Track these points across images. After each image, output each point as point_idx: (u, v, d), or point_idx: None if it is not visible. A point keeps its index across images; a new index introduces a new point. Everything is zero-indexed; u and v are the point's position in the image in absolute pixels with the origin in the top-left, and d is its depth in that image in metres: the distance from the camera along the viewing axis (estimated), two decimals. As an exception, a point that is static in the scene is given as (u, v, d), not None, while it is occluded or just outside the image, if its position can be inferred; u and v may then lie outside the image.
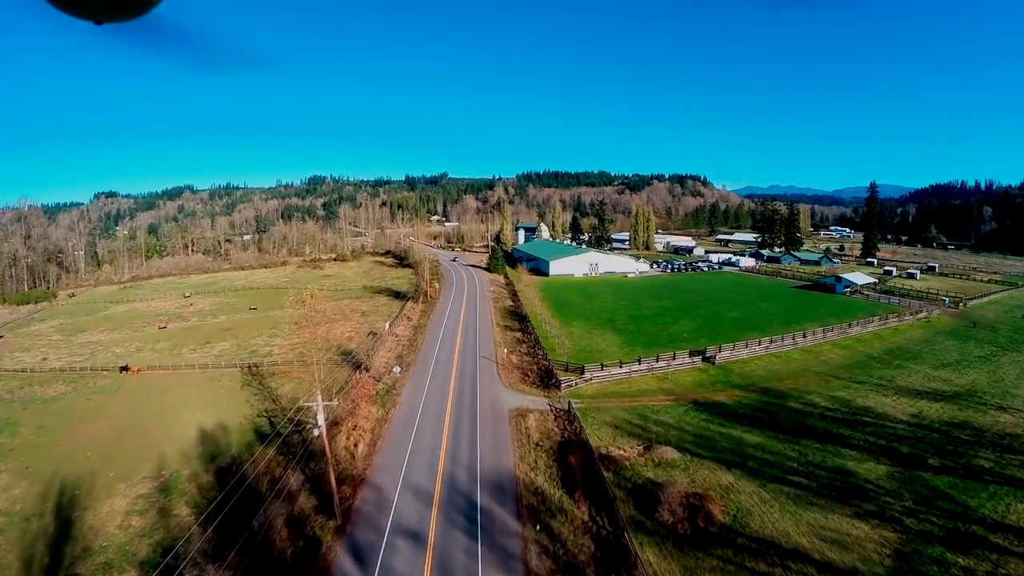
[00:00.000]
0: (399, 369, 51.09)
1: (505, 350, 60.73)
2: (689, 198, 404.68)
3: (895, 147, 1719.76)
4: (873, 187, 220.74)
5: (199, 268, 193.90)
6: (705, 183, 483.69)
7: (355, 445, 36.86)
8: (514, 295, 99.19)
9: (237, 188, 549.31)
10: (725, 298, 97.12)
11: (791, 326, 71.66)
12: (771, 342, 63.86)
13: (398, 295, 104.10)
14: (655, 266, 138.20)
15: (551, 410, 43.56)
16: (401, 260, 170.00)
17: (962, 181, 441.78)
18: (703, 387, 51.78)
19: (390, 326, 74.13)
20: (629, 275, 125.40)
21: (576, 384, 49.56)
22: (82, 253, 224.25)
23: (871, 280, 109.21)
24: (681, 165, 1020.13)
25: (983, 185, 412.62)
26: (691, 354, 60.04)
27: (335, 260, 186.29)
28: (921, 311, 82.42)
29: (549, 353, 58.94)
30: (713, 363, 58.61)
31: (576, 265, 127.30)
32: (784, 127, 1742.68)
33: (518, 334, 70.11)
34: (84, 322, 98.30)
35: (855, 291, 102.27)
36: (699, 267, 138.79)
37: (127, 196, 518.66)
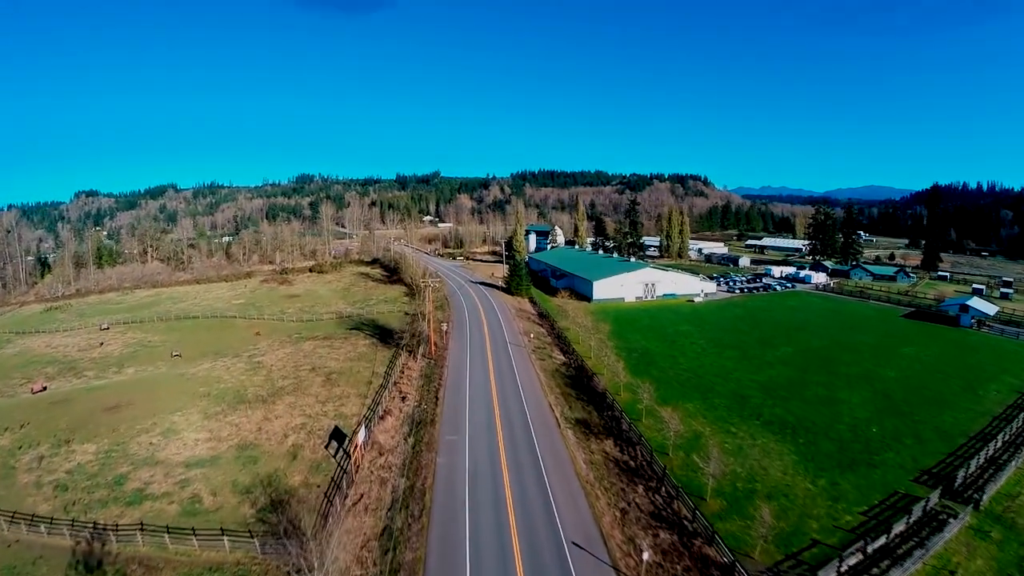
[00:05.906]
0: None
1: (614, 514, 29.39)
2: (694, 198, 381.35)
3: (890, 149, 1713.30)
4: (935, 189, 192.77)
5: (149, 281, 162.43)
6: (707, 183, 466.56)
7: None
8: (558, 338, 68.09)
9: (222, 186, 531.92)
10: (847, 340, 68.12)
11: (979, 395, 49.63)
12: (1011, 450, 38.13)
13: (386, 336, 71.00)
14: (720, 284, 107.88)
15: None
16: (391, 272, 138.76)
17: (963, 183, 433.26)
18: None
19: (367, 430, 40.58)
20: (695, 299, 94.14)
21: None
22: (20, 261, 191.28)
23: (996, 308, 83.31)
24: (676, 165, 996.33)
25: (985, 187, 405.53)
26: (936, 487, 32.89)
27: (310, 271, 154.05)
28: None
29: (699, 505, 28.88)
30: (978, 508, 31.61)
31: (627, 286, 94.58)
32: (776, 127, 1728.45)
33: (608, 445, 38.31)
34: (-49, 371, 70.44)
35: (983, 323, 77.01)
36: (770, 286, 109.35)
37: (108, 195, 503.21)
